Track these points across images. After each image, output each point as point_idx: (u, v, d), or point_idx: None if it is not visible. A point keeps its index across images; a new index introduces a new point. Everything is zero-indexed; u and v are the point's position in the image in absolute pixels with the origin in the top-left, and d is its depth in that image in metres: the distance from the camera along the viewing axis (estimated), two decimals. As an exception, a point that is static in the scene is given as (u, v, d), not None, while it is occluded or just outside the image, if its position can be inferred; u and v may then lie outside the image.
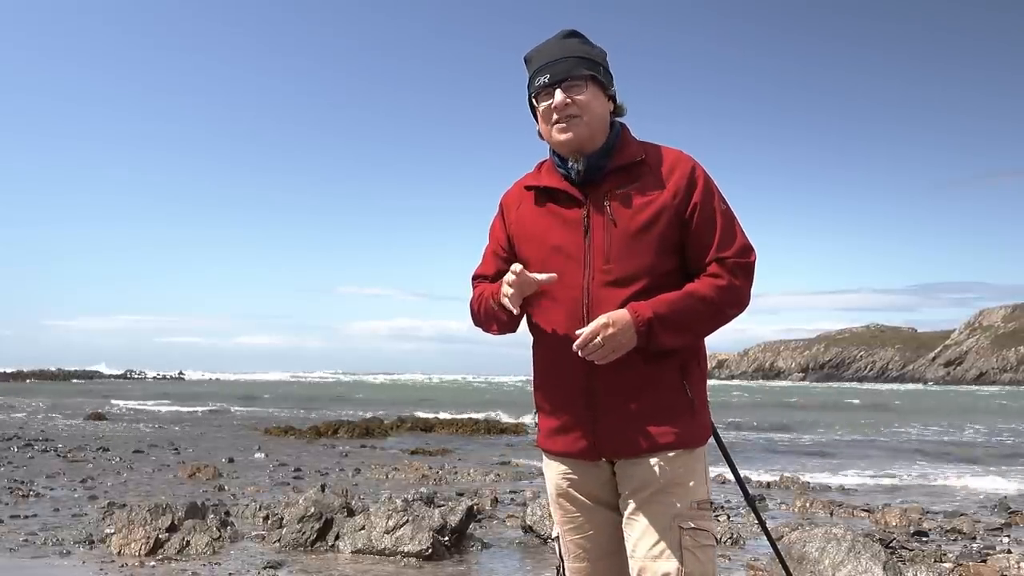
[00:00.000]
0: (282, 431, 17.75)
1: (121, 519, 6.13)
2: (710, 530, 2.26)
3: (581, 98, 2.24)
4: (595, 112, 2.26)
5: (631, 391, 2.22)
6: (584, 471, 2.35)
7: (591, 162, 2.26)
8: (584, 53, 2.28)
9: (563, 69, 2.25)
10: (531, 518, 6.67)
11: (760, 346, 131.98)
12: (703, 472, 2.29)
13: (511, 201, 2.43)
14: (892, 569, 5.08)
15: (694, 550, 2.20)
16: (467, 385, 70.23)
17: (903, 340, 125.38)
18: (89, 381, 66.98)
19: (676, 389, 2.25)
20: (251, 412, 26.44)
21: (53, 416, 22.69)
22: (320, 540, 6.16)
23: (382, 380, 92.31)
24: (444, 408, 27.68)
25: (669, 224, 2.22)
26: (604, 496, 2.35)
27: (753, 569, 5.81)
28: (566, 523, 2.41)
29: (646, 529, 2.22)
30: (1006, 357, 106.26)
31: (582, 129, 2.24)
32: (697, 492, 2.25)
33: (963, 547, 6.76)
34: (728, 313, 2.24)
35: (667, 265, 2.23)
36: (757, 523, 2.67)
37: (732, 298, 2.22)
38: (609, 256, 2.22)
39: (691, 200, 2.23)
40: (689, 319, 2.19)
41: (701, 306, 2.19)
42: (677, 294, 2.19)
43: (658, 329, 2.14)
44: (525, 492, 9.42)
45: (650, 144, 2.35)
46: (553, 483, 2.42)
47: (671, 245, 2.23)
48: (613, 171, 2.27)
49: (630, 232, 2.21)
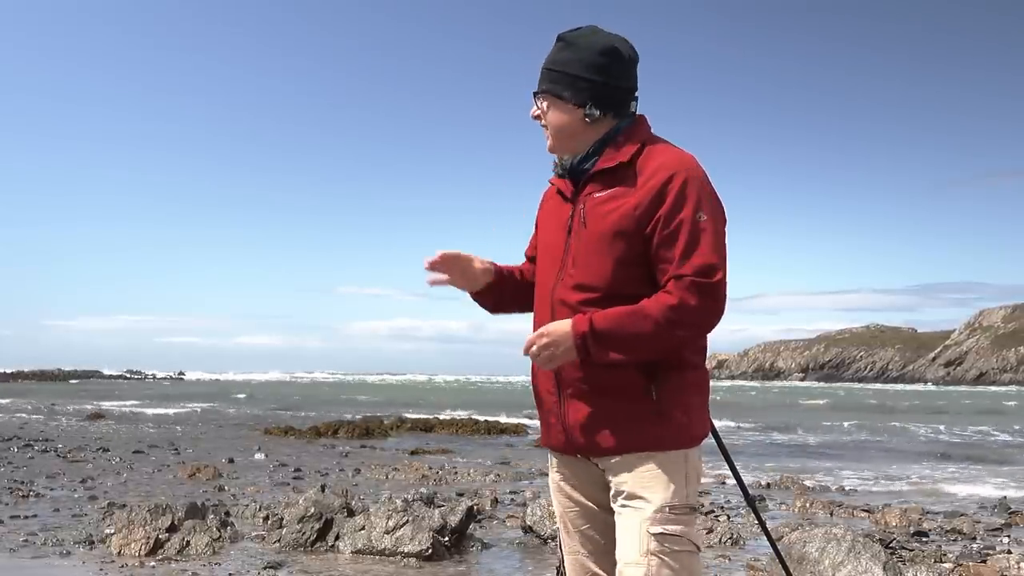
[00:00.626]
0: (282, 431, 17.76)
1: (121, 519, 6.13)
2: (686, 535, 2.18)
3: (542, 111, 2.33)
4: (554, 124, 2.31)
5: (591, 392, 2.22)
6: (573, 466, 2.37)
7: (573, 165, 2.31)
8: (555, 65, 2.30)
9: (539, 80, 2.33)
10: (531, 518, 6.67)
11: (760, 346, 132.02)
12: (682, 476, 2.22)
13: (545, 193, 2.51)
14: (892, 569, 5.08)
15: (663, 556, 2.15)
16: (467, 385, 70.22)
17: (903, 340, 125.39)
18: (89, 381, 66.96)
19: (637, 391, 2.18)
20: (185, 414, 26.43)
21: (53, 416, 22.70)
22: (320, 540, 6.16)
23: (381, 380, 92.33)
24: (444, 408, 27.69)
25: (630, 233, 2.16)
26: (597, 495, 2.35)
27: (753, 569, 5.81)
28: (562, 517, 2.44)
29: (620, 533, 2.22)
30: (1006, 357, 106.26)
31: (549, 139, 2.34)
32: (672, 496, 2.18)
33: (963, 547, 6.76)
34: (675, 333, 2.12)
35: (631, 275, 2.18)
36: (757, 523, 2.67)
37: (679, 317, 2.10)
38: (576, 260, 2.24)
39: (657, 211, 2.15)
40: (628, 336, 2.11)
41: (645, 324, 2.10)
42: (624, 309, 2.12)
43: (593, 345, 2.11)
44: (525, 492, 9.42)
45: (655, 145, 2.27)
46: (551, 476, 2.46)
47: (635, 255, 2.17)
48: (596, 173, 2.26)
49: (594, 237, 2.21)
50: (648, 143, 2.27)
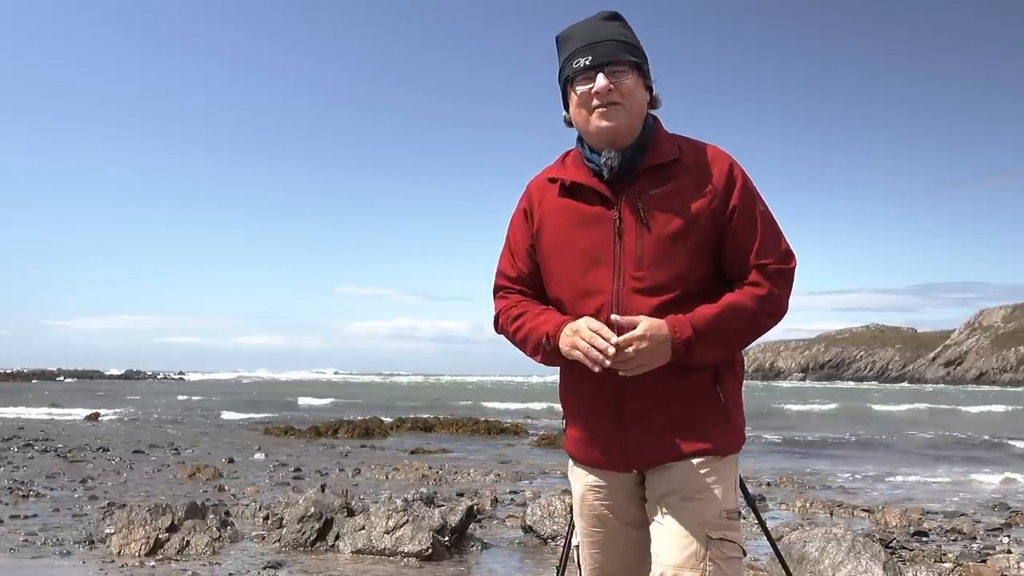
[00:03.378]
0: (282, 431, 17.76)
1: (121, 519, 6.12)
2: (738, 541, 2.14)
3: (625, 84, 2.08)
4: (637, 101, 2.11)
5: (662, 401, 2.10)
6: (613, 480, 2.24)
7: (625, 158, 2.09)
8: (628, 38, 2.13)
9: (606, 52, 2.07)
10: (531, 518, 6.67)
11: (760, 346, 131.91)
12: (733, 480, 2.18)
13: (537, 195, 2.25)
14: (892, 569, 5.08)
15: (719, 561, 2.08)
16: (467, 385, 70.18)
17: (903, 340, 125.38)
18: (89, 381, 66.95)
19: (709, 395, 2.13)
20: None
21: (53, 416, 22.70)
22: (320, 540, 6.16)
23: (381, 380, 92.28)
24: (444, 408, 27.68)
25: (706, 229, 2.07)
26: (630, 511, 2.25)
27: (753, 569, 5.81)
28: (588, 535, 2.32)
29: (672, 535, 2.10)
30: (1006, 357, 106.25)
31: (623, 118, 2.08)
32: (726, 501, 2.13)
33: (963, 547, 6.76)
34: (766, 323, 2.10)
35: (701, 271, 2.09)
36: (757, 523, 2.66)
37: (772, 307, 2.09)
38: (642, 262, 2.06)
39: (729, 202, 2.09)
40: (728, 335, 2.06)
41: (741, 320, 2.05)
42: (716, 308, 2.04)
43: (697, 348, 2.01)
44: (525, 492, 9.42)
45: (684, 139, 2.19)
46: (579, 493, 2.31)
47: (707, 251, 2.09)
48: (647, 170, 2.11)
49: (664, 237, 2.06)
50: (674, 136, 2.21)
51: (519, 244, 2.28)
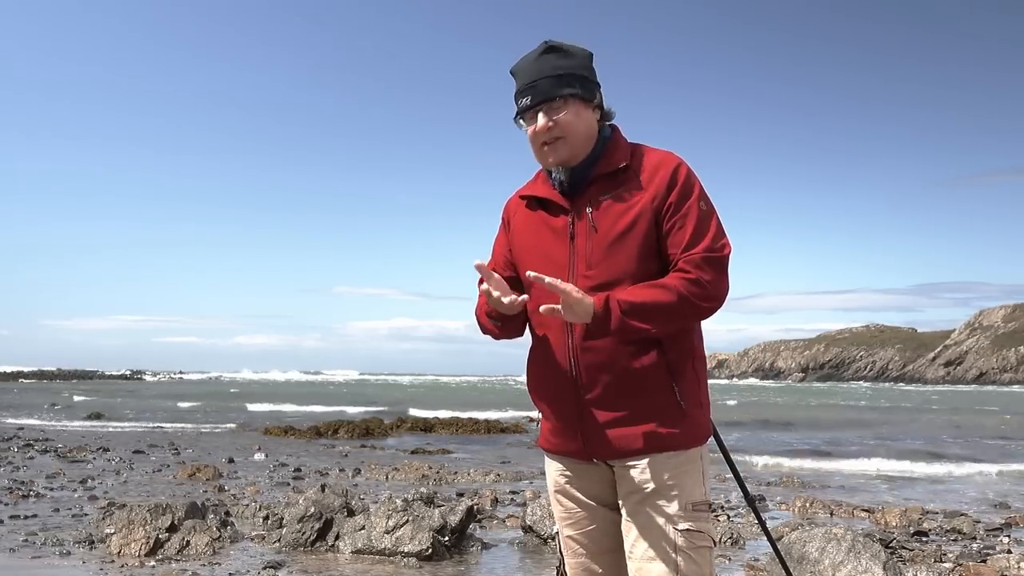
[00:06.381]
0: (282, 431, 17.77)
1: (121, 519, 6.13)
2: (707, 531, 2.26)
3: (563, 119, 2.27)
4: (577, 130, 2.29)
5: (616, 394, 2.23)
6: (582, 470, 2.38)
7: (575, 173, 2.30)
8: (562, 69, 2.29)
9: (543, 90, 2.27)
10: (531, 518, 6.67)
11: (760, 346, 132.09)
12: (699, 473, 2.29)
13: (511, 210, 2.50)
14: (892, 569, 5.08)
15: (689, 551, 2.21)
16: (467, 385, 70.18)
17: (903, 340, 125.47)
18: (89, 381, 66.93)
19: (663, 391, 2.24)
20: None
21: (53, 416, 22.69)
22: (320, 540, 6.16)
23: (381, 380, 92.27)
24: (444, 408, 27.68)
25: (648, 227, 2.24)
26: (603, 495, 2.37)
27: (753, 569, 5.81)
28: (564, 519, 2.45)
29: (641, 531, 2.25)
30: (1006, 357, 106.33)
31: (565, 151, 2.29)
32: (693, 493, 2.25)
33: (963, 547, 6.76)
34: (700, 306, 2.20)
35: (648, 269, 2.24)
36: (757, 523, 2.67)
37: (701, 292, 2.18)
38: (591, 262, 2.25)
39: (667, 200, 2.24)
40: (651, 309, 2.16)
41: (666, 294, 2.16)
42: (643, 283, 2.20)
43: (615, 309, 2.13)
44: (525, 492, 9.43)
45: (639, 147, 2.37)
46: (552, 479, 2.46)
47: (651, 248, 2.25)
48: (597, 178, 2.30)
49: (610, 237, 2.24)
50: (632, 145, 2.37)
51: (498, 252, 2.55)
